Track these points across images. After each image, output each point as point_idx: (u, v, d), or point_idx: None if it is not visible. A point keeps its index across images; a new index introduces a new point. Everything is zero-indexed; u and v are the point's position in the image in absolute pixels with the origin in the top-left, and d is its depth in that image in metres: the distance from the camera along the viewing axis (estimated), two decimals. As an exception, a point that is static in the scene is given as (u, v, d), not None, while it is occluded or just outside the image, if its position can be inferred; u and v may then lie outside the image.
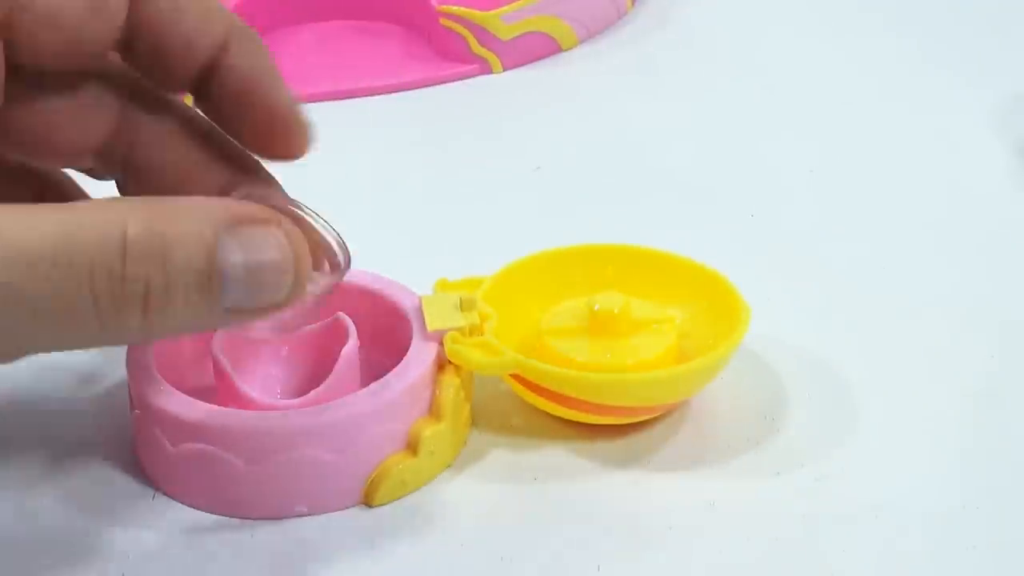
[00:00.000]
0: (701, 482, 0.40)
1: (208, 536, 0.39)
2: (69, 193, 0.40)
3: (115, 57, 0.37)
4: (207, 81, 0.37)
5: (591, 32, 0.64)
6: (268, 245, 0.33)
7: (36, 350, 0.32)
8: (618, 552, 0.38)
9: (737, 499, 0.40)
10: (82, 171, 0.40)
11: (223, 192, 0.37)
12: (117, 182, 0.39)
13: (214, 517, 0.39)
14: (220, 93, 0.37)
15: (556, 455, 0.41)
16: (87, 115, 0.37)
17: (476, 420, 0.42)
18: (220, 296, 0.33)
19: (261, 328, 0.38)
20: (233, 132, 0.38)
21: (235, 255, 0.33)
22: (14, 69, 0.36)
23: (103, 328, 0.32)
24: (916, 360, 0.45)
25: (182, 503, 0.39)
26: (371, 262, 0.44)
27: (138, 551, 0.38)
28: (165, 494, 0.40)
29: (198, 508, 0.39)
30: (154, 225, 0.32)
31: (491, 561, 0.38)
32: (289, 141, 0.38)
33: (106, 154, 0.38)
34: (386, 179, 0.55)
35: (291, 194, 0.40)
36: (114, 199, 0.34)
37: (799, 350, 0.45)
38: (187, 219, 0.33)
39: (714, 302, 0.43)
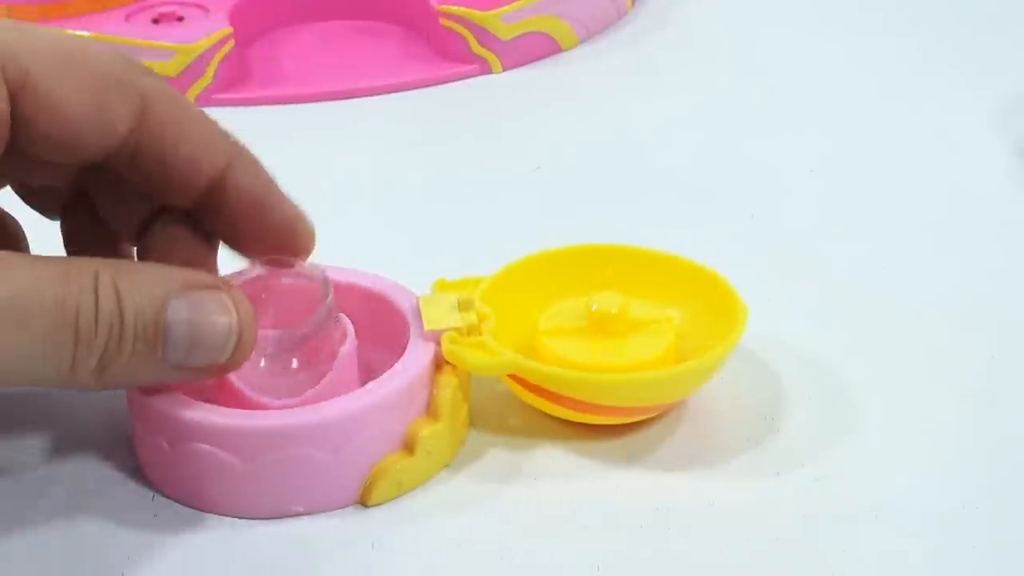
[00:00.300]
0: (700, 482, 0.40)
1: (204, 535, 0.39)
2: (13, 234, 0.43)
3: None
4: (211, 198, 0.39)
5: (591, 32, 0.64)
6: (213, 308, 0.36)
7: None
8: (616, 552, 0.38)
9: (737, 499, 0.40)
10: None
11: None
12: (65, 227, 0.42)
13: (210, 516, 0.39)
14: (227, 209, 0.39)
15: (554, 455, 0.41)
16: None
17: (474, 420, 0.42)
18: (164, 352, 0.36)
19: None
20: (235, 242, 0.40)
21: (180, 314, 0.36)
22: (12, 151, 0.37)
23: (73, 368, 0.35)
24: (916, 360, 0.45)
25: (180, 502, 0.39)
26: (371, 262, 0.44)
27: (137, 551, 0.38)
28: (163, 494, 0.40)
29: (195, 507, 0.39)
30: (113, 279, 0.35)
31: (488, 561, 0.38)
32: (298, 246, 0.40)
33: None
34: (386, 179, 0.55)
35: (292, 194, 0.40)
36: (80, 258, 0.36)
37: (799, 350, 0.45)
38: (141, 278, 0.36)
39: (712, 302, 0.43)
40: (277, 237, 0.40)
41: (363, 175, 0.56)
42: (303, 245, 0.40)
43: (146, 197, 0.40)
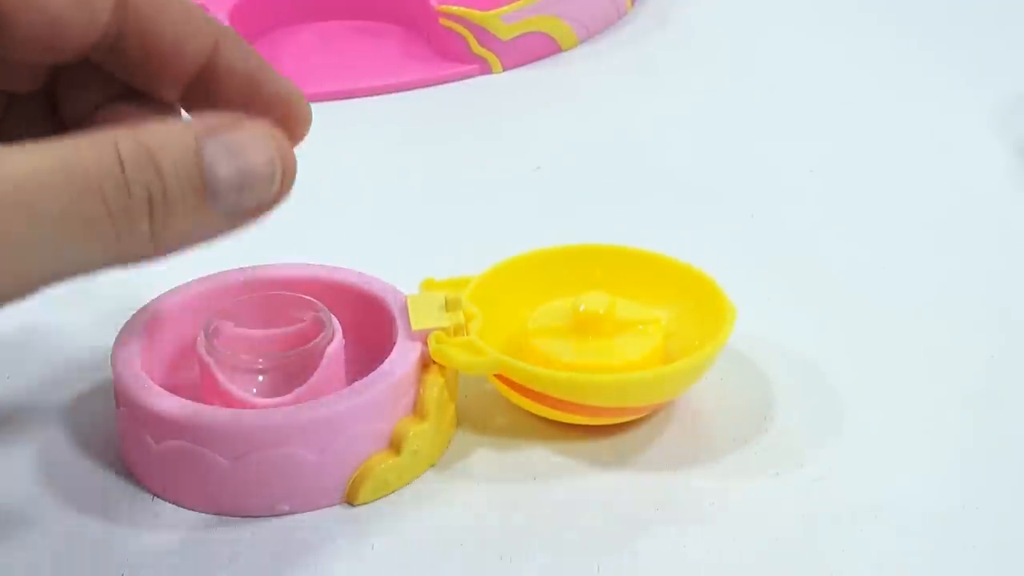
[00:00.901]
0: (687, 482, 0.40)
1: (189, 534, 0.39)
2: None
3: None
4: (202, 83, 0.38)
5: (591, 32, 0.64)
6: (249, 144, 0.34)
7: (57, 274, 0.33)
8: (601, 553, 0.38)
9: (728, 500, 0.39)
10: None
11: None
12: None
13: (195, 515, 0.39)
14: (219, 92, 0.38)
15: (540, 455, 0.41)
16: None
17: (460, 420, 0.42)
18: (215, 200, 0.34)
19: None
20: None
21: (220, 156, 0.34)
22: None
23: (118, 238, 0.33)
24: (915, 360, 0.45)
25: (165, 500, 0.40)
26: (371, 262, 0.44)
27: (137, 551, 0.38)
28: (149, 491, 0.40)
29: (180, 505, 0.39)
30: (139, 139, 0.33)
31: (473, 561, 0.38)
32: (295, 126, 0.38)
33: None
34: (386, 179, 0.55)
35: (292, 194, 0.40)
36: (96, 130, 0.34)
37: (798, 350, 0.45)
38: (166, 132, 0.33)
39: (700, 303, 0.43)
40: (273, 117, 0.37)
41: (363, 175, 0.56)
42: (301, 118, 0.39)
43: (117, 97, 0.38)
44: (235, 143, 0.34)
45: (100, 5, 0.36)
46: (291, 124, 0.38)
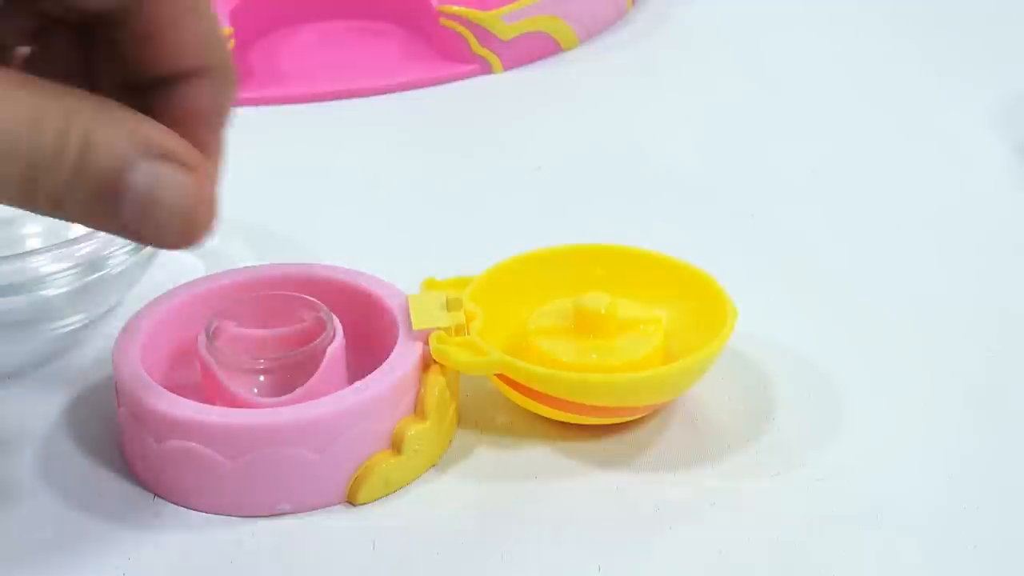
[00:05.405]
0: (687, 482, 0.40)
1: (204, 536, 0.39)
2: None
3: None
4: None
5: (591, 32, 0.64)
6: (172, 186, 0.34)
7: None
8: (601, 553, 0.38)
9: (728, 500, 0.39)
10: None
11: None
12: None
13: (211, 516, 0.39)
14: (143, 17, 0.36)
15: (541, 455, 0.41)
16: None
17: (461, 419, 0.42)
18: (118, 209, 0.34)
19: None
20: (135, 63, 0.37)
21: (139, 181, 0.34)
22: None
23: (15, 190, 0.33)
24: (916, 360, 0.45)
25: (165, 500, 0.40)
26: (371, 262, 0.44)
27: (137, 551, 0.38)
28: (150, 491, 0.40)
29: (182, 505, 0.39)
30: (87, 131, 0.33)
31: (473, 561, 0.38)
32: (212, 86, 0.37)
33: None
34: (386, 179, 0.55)
35: (291, 194, 0.40)
36: (57, 91, 0.34)
37: (798, 350, 0.45)
38: (114, 133, 0.34)
39: (701, 303, 0.43)
40: (187, 64, 0.36)
41: (363, 175, 0.56)
42: (219, 81, 0.37)
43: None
44: (160, 178, 0.34)
45: None
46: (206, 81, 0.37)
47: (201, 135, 0.36)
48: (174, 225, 0.35)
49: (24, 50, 0.38)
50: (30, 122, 0.33)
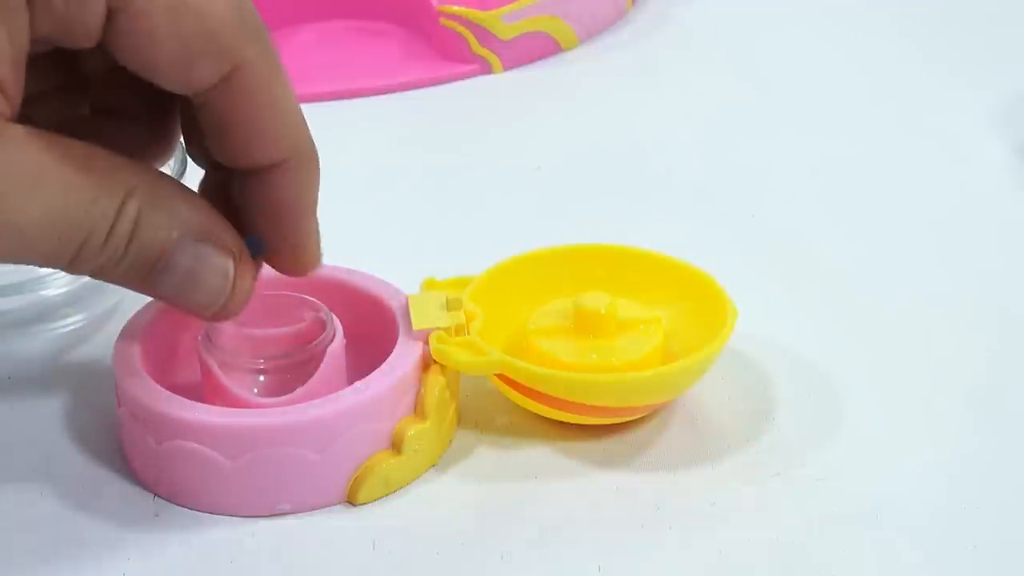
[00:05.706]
0: (687, 482, 0.40)
1: (205, 536, 0.39)
2: None
3: None
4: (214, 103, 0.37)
5: (591, 32, 0.64)
6: (214, 271, 0.37)
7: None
8: (601, 553, 0.38)
9: (728, 500, 0.39)
10: None
11: None
12: None
13: (211, 516, 0.39)
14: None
15: (541, 454, 0.41)
16: None
17: (461, 419, 0.42)
18: (156, 280, 0.36)
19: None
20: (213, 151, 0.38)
21: (182, 258, 0.36)
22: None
23: (68, 261, 0.36)
24: (916, 360, 0.45)
25: (166, 500, 0.40)
26: (371, 262, 0.44)
27: (137, 551, 0.38)
28: (150, 491, 0.40)
29: (182, 505, 0.39)
30: (140, 212, 0.35)
31: (473, 561, 0.38)
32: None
33: None
34: (386, 179, 0.55)
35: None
36: (116, 165, 0.35)
37: (798, 350, 0.45)
38: (164, 217, 0.36)
39: (701, 303, 0.43)
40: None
41: (363, 175, 0.56)
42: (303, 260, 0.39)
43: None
44: (202, 258, 0.36)
45: (203, 76, 0.35)
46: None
47: (285, 221, 0.38)
48: (209, 305, 0.37)
49: None
50: (88, 203, 0.34)
